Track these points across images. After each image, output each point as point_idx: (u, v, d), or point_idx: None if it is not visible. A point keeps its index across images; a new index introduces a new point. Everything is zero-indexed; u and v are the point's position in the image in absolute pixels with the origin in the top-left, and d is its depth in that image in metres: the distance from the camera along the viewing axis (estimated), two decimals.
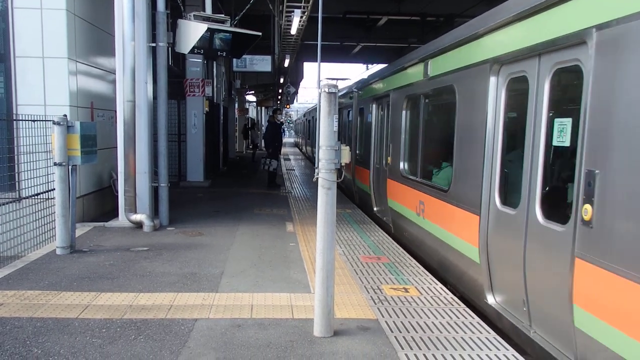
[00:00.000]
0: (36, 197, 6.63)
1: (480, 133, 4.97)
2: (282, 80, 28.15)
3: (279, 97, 37.29)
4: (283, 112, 55.86)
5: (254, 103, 38.55)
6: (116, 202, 8.09)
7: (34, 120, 6.59)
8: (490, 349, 3.82)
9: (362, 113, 11.22)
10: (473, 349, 3.81)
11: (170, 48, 8.53)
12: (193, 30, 7.83)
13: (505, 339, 4.27)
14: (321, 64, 8.20)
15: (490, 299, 4.84)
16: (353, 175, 11.90)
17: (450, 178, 5.81)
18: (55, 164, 6.08)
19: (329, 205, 3.87)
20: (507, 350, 3.82)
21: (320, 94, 3.83)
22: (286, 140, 50.66)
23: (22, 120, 6.64)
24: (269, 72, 19.86)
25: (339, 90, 4.04)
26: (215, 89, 16.40)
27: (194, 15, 7.96)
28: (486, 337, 4.03)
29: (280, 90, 33.21)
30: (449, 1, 16.84)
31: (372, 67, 28.06)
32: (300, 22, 13.54)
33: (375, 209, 9.87)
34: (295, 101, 52.70)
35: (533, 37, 4.11)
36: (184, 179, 13.50)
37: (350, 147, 8.40)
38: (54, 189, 6.23)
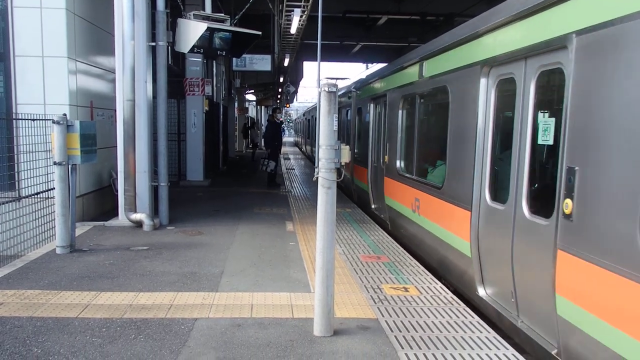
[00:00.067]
0: (36, 196, 6.63)
1: (471, 132, 5.17)
2: (281, 80, 28.12)
3: (279, 96, 37.29)
4: (283, 111, 55.83)
5: (254, 102, 38.54)
6: (116, 202, 8.09)
7: (33, 120, 6.59)
8: (490, 349, 3.82)
9: (360, 112, 11.37)
10: (473, 349, 3.81)
11: (170, 47, 8.52)
12: (193, 30, 7.83)
13: (494, 328, 4.43)
14: (321, 63, 8.24)
15: (481, 291, 5.02)
16: (352, 173, 12.02)
17: (443, 175, 5.98)
18: (55, 163, 6.08)
19: (328, 205, 3.87)
20: (507, 349, 3.82)
21: (320, 93, 3.82)
22: (286, 139, 50.64)
23: (21, 120, 6.63)
24: (269, 71, 19.84)
25: (338, 89, 4.06)
26: (215, 88, 16.39)
27: (193, 14, 7.96)
28: (486, 337, 4.03)
29: (280, 90, 33.20)
30: (449, 0, 16.81)
31: (372, 66, 28.08)
32: (300, 21, 13.53)
33: (373, 206, 9.99)
34: (295, 100, 52.70)
35: (520, 41, 4.30)
36: (184, 178, 13.49)
37: (349, 146, 8.42)
38: (54, 188, 6.23)
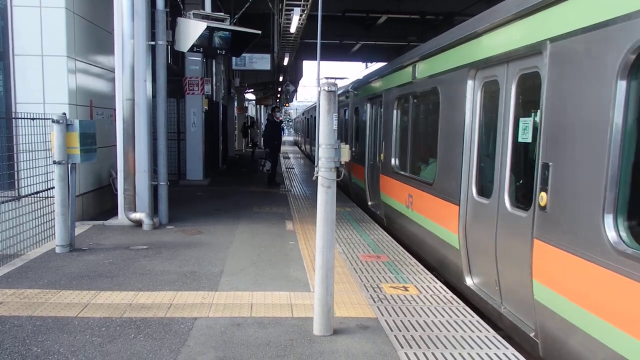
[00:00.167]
0: (35, 195, 6.63)
1: (459, 131, 5.49)
2: (281, 79, 28.10)
3: (278, 95, 37.27)
4: (282, 110, 55.82)
5: (253, 101, 38.53)
6: (115, 201, 8.08)
7: (33, 119, 6.58)
8: (490, 348, 3.82)
9: (358, 112, 11.68)
10: (473, 348, 3.81)
11: (169, 46, 8.51)
12: (192, 29, 7.82)
13: (481, 316, 4.68)
14: (320, 62, 8.27)
15: (469, 281, 5.34)
16: (349, 171, 12.29)
17: (434, 172, 6.30)
18: (54, 162, 6.08)
19: (328, 204, 3.87)
20: (507, 349, 3.82)
21: (319, 93, 3.82)
22: (285, 138, 50.64)
23: (21, 119, 6.63)
24: (268, 71, 19.84)
25: (337, 89, 4.08)
26: (214, 87, 16.39)
27: (193, 13, 7.95)
28: (486, 336, 4.03)
29: (279, 89, 33.18)
30: None
31: (372, 65, 28.08)
32: (299, 20, 13.52)
33: (369, 203, 10.25)
34: (294, 99, 52.69)
35: (502, 46, 4.61)
36: (184, 178, 13.48)
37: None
38: (53, 187, 6.23)
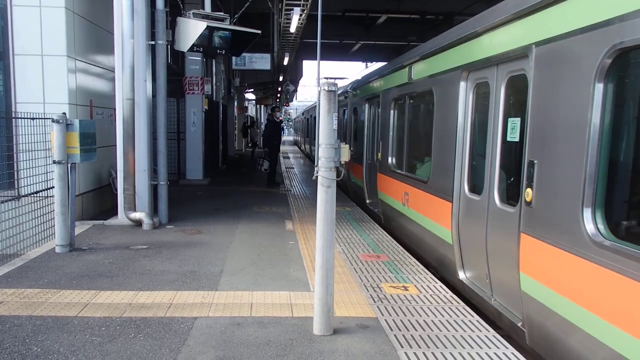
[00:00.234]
0: (35, 195, 6.62)
1: (452, 130, 5.72)
2: (281, 79, 28.10)
3: (278, 95, 37.26)
4: (282, 110, 55.81)
5: (253, 101, 38.52)
6: (115, 200, 8.08)
7: (33, 118, 6.58)
8: (489, 347, 3.82)
9: (356, 112, 11.94)
10: (472, 347, 3.82)
11: (169, 46, 8.51)
12: (192, 28, 7.81)
13: (473, 309, 4.83)
14: (320, 62, 8.29)
15: (461, 275, 5.54)
16: (348, 170, 12.47)
17: (429, 170, 6.54)
18: (54, 162, 6.07)
19: (328, 204, 3.87)
20: (506, 348, 3.82)
21: (319, 92, 3.82)
22: (285, 138, 50.63)
23: (21, 118, 6.63)
24: (268, 70, 19.82)
25: (337, 88, 4.09)
26: (214, 87, 16.39)
27: (193, 13, 7.94)
28: (485, 335, 4.03)
29: (279, 89, 33.18)
30: None
31: (371, 65, 28.08)
32: (299, 20, 13.50)
33: (367, 201, 10.49)
34: (294, 99, 52.68)
35: (492, 49, 4.82)
36: (183, 177, 13.48)
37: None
38: (53, 187, 6.23)
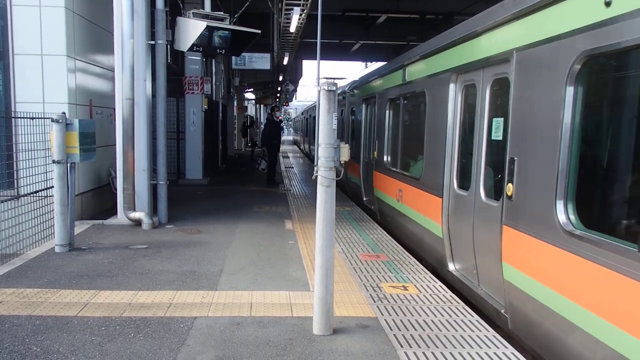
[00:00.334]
0: (35, 194, 6.62)
1: (443, 130, 6.03)
2: (281, 78, 28.09)
3: (278, 94, 37.24)
4: (282, 109, 55.75)
5: (253, 101, 38.50)
6: (115, 200, 8.08)
7: (32, 118, 6.58)
8: (489, 347, 3.82)
9: (354, 112, 12.21)
10: (472, 347, 3.82)
11: (169, 46, 8.51)
12: (192, 28, 7.81)
13: (462, 299, 5.08)
14: (320, 62, 8.31)
15: (451, 267, 5.87)
16: (345, 168, 12.67)
17: (421, 168, 6.86)
18: (53, 162, 6.07)
19: (328, 203, 3.86)
20: (506, 348, 3.82)
21: (319, 92, 3.82)
22: (285, 138, 50.60)
23: (20, 118, 6.62)
24: (268, 70, 19.82)
25: (337, 88, 4.09)
26: (214, 86, 16.38)
27: (192, 12, 7.94)
28: (485, 335, 4.03)
29: (279, 88, 33.16)
30: None
31: (371, 65, 28.07)
32: (299, 20, 13.50)
33: (364, 199, 10.77)
34: (294, 99, 52.62)
35: (479, 53, 5.13)
36: (183, 177, 13.48)
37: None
38: (53, 186, 6.23)
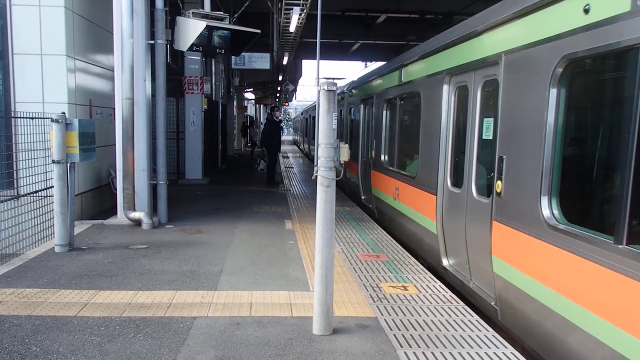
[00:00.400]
0: (35, 194, 6.62)
1: (437, 129, 6.20)
2: (280, 78, 28.09)
3: (278, 94, 37.24)
4: (282, 109, 55.75)
5: (253, 101, 38.49)
6: (115, 200, 8.08)
7: (32, 118, 6.57)
8: (489, 347, 3.82)
9: (352, 112, 12.38)
10: (472, 347, 3.82)
11: (168, 45, 8.50)
12: (192, 28, 7.81)
13: (455, 292, 5.23)
14: (320, 61, 8.33)
15: (445, 262, 6.03)
16: (344, 168, 12.47)
17: (417, 167, 7.04)
18: (53, 162, 6.07)
19: (327, 203, 3.86)
20: (506, 348, 3.82)
21: (319, 92, 3.82)
22: (285, 138, 50.58)
23: (20, 118, 6.62)
24: (268, 70, 19.82)
25: (337, 88, 4.09)
26: (213, 86, 16.38)
27: (192, 12, 7.94)
28: (485, 335, 4.03)
29: (278, 88, 33.16)
30: None
31: (371, 64, 28.07)
32: (299, 19, 13.51)
33: (362, 197, 10.91)
34: (294, 99, 52.64)
35: (471, 56, 5.32)
36: (183, 177, 13.47)
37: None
38: (53, 186, 6.22)
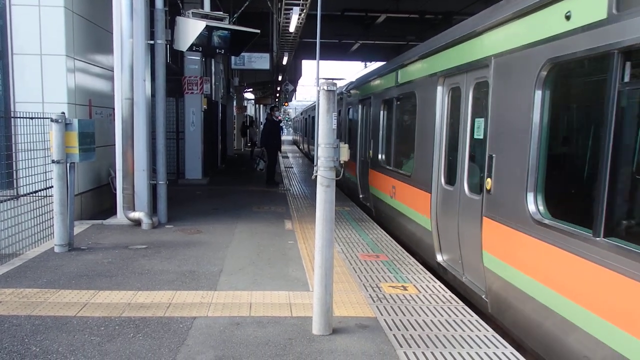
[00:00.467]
0: (34, 194, 6.61)
1: (431, 129, 6.40)
2: (280, 78, 28.08)
3: (277, 94, 37.23)
4: (281, 109, 55.71)
5: (252, 101, 38.48)
6: (114, 200, 8.08)
7: (32, 118, 6.57)
8: (488, 347, 3.83)
9: (350, 112, 12.59)
10: (472, 347, 3.82)
11: (168, 45, 8.50)
12: (191, 28, 7.81)
13: (449, 287, 5.41)
14: (319, 61, 8.36)
15: (439, 258, 6.23)
16: (343, 167, 12.64)
17: (412, 166, 7.25)
18: (53, 162, 6.07)
19: (327, 203, 3.86)
20: (505, 348, 3.83)
21: (319, 92, 3.82)
22: (284, 138, 50.55)
23: (20, 118, 6.62)
24: (267, 70, 19.80)
25: (337, 88, 4.11)
26: (213, 86, 16.37)
27: (192, 12, 7.94)
28: (484, 335, 4.04)
29: (278, 88, 33.13)
30: None
31: (370, 65, 28.08)
32: (298, 19, 13.51)
33: (360, 196, 11.13)
34: (293, 99, 52.62)
35: (463, 58, 5.53)
36: (182, 177, 13.47)
37: None
38: (52, 186, 6.22)
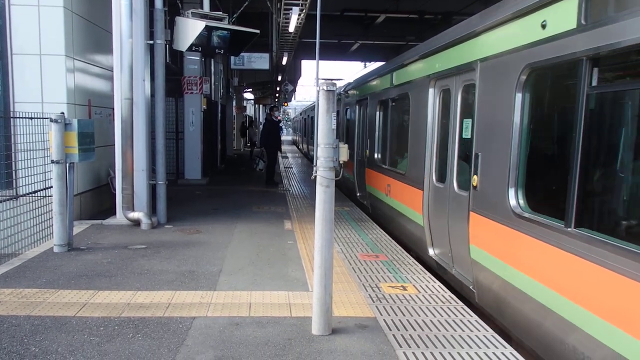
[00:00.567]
0: (33, 194, 6.61)
1: (423, 129, 6.68)
2: (280, 78, 28.08)
3: (277, 94, 37.22)
4: (281, 109, 55.70)
5: (252, 101, 38.48)
6: (114, 200, 8.07)
7: (31, 118, 6.57)
8: (488, 347, 3.83)
9: (348, 113, 12.82)
10: (471, 347, 3.82)
11: (168, 45, 8.50)
12: (191, 28, 7.81)
13: (440, 280, 5.64)
14: (319, 61, 8.39)
15: (431, 252, 6.51)
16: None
17: (406, 164, 7.52)
18: (52, 162, 6.06)
19: (327, 203, 3.86)
20: (505, 348, 3.83)
21: (318, 92, 3.82)
22: (284, 138, 50.55)
23: (19, 118, 6.61)
24: (267, 70, 19.80)
25: (336, 88, 4.11)
26: (213, 86, 16.35)
27: (191, 12, 7.94)
28: (484, 335, 4.04)
29: (278, 88, 33.13)
30: None
31: (370, 65, 28.08)
32: (298, 19, 13.51)
33: (358, 194, 11.42)
34: (293, 99, 52.62)
35: (452, 62, 5.82)
36: (182, 177, 13.47)
37: None
38: (52, 186, 6.22)
